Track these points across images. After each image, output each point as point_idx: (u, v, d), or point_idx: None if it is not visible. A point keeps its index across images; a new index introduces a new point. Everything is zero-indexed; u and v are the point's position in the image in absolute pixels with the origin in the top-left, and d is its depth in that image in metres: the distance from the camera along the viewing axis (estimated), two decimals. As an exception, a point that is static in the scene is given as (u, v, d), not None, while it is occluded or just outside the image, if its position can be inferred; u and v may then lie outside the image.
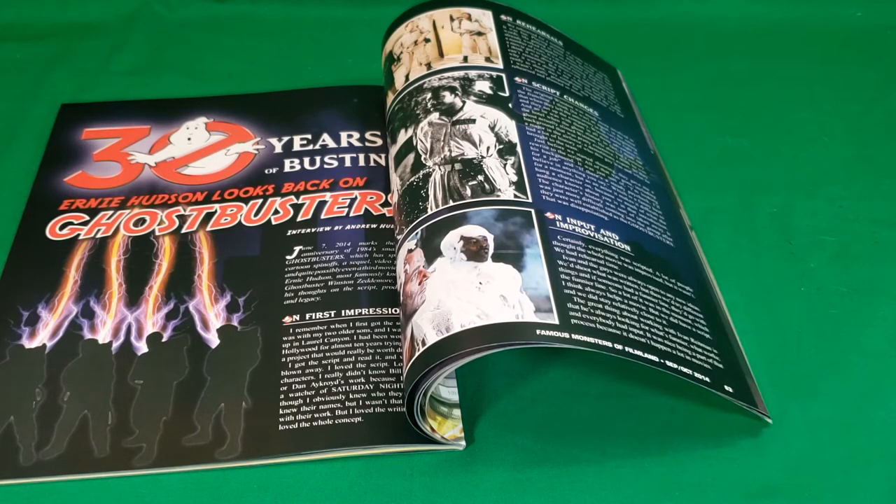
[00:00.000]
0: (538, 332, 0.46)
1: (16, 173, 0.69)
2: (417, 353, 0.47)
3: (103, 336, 0.56)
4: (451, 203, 0.53)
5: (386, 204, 0.64)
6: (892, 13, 0.86)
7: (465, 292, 0.48)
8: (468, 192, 0.54)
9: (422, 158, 0.57)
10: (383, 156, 0.69)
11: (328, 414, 0.52)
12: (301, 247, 0.62)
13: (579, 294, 0.49)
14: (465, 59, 0.64)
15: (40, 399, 0.53)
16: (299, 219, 0.64)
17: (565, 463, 0.51)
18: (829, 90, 0.79)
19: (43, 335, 0.56)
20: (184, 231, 0.63)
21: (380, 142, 0.70)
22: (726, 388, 0.51)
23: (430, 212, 0.53)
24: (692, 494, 0.49)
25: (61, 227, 0.64)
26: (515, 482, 0.50)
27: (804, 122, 0.76)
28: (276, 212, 0.64)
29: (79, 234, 0.63)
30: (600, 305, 0.49)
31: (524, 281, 0.48)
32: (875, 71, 0.81)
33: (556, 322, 0.47)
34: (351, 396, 0.52)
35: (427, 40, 0.66)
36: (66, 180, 0.67)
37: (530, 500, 0.49)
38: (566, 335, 0.46)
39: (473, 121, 0.58)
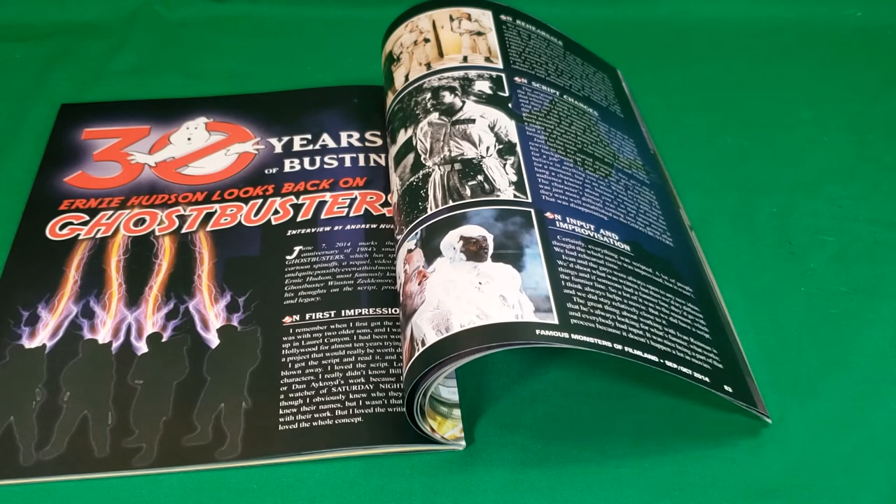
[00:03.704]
0: (538, 331, 0.46)
1: (16, 173, 0.69)
2: (417, 353, 0.47)
3: (103, 336, 0.56)
4: (451, 203, 0.53)
5: (386, 204, 0.64)
6: (892, 13, 0.86)
7: (464, 292, 0.48)
8: (468, 192, 0.54)
9: (421, 158, 0.57)
10: (383, 156, 0.69)
11: (328, 414, 0.52)
12: (301, 247, 0.62)
13: (579, 294, 0.49)
14: (465, 59, 0.64)
15: (40, 399, 0.53)
16: (299, 219, 0.64)
17: (565, 463, 0.51)
18: (829, 90, 0.79)
19: (43, 335, 0.56)
20: (184, 231, 0.63)
21: (380, 142, 0.70)
22: (726, 388, 0.51)
23: (429, 212, 0.53)
24: (692, 494, 0.49)
25: (61, 227, 0.64)
26: (515, 482, 0.50)
27: (804, 122, 0.76)
28: (276, 212, 0.64)
29: (79, 234, 0.63)
30: (600, 305, 0.49)
31: (524, 281, 0.48)
32: (875, 71, 0.81)
33: (556, 322, 0.47)
34: (351, 396, 0.52)
35: (427, 40, 0.66)
36: (66, 180, 0.67)
37: (530, 500, 0.49)
38: (566, 335, 0.46)
39: (473, 121, 0.58)
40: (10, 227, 0.64)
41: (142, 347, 0.56)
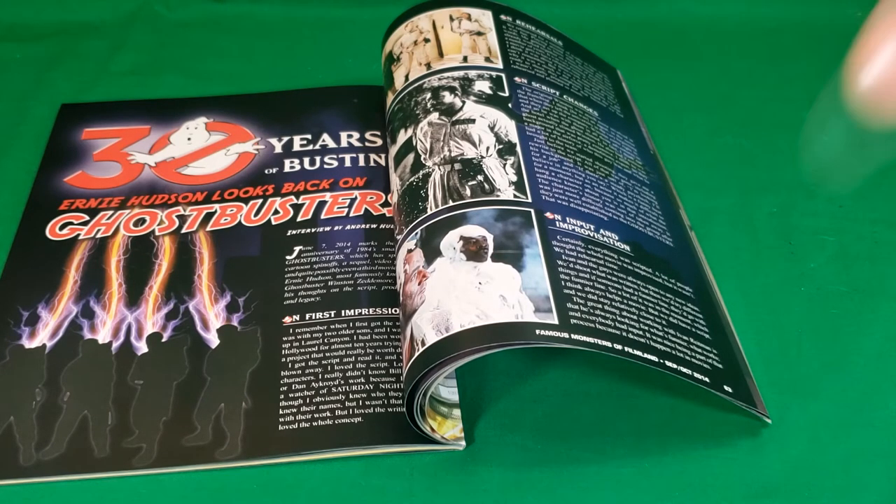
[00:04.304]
0: (538, 332, 0.46)
1: (16, 173, 0.69)
2: (417, 354, 0.47)
3: (103, 336, 0.56)
4: (451, 203, 0.53)
5: (386, 204, 0.64)
6: (892, 13, 0.86)
7: (464, 292, 0.48)
8: (468, 192, 0.54)
9: (421, 158, 0.57)
10: (383, 156, 0.69)
11: (328, 414, 0.52)
12: (301, 247, 0.62)
13: (579, 294, 0.49)
14: (465, 59, 0.64)
15: (40, 399, 0.53)
16: (299, 219, 0.64)
17: (565, 463, 0.51)
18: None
19: (43, 335, 0.56)
20: (184, 231, 0.63)
21: (380, 142, 0.70)
22: (726, 388, 0.51)
23: (429, 212, 0.53)
24: (692, 494, 0.49)
25: (61, 227, 0.64)
26: (515, 482, 0.50)
27: (804, 122, 0.76)
28: (276, 212, 0.64)
29: (79, 234, 0.63)
30: (600, 305, 0.49)
31: (524, 281, 0.48)
32: (875, 71, 0.81)
33: (556, 322, 0.47)
34: (351, 396, 0.52)
35: (427, 40, 0.66)
36: (66, 180, 0.67)
37: (530, 500, 0.49)
38: (566, 335, 0.46)
39: (473, 121, 0.58)
40: (10, 227, 0.64)
41: (142, 347, 0.56)
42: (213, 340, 0.56)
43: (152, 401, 0.53)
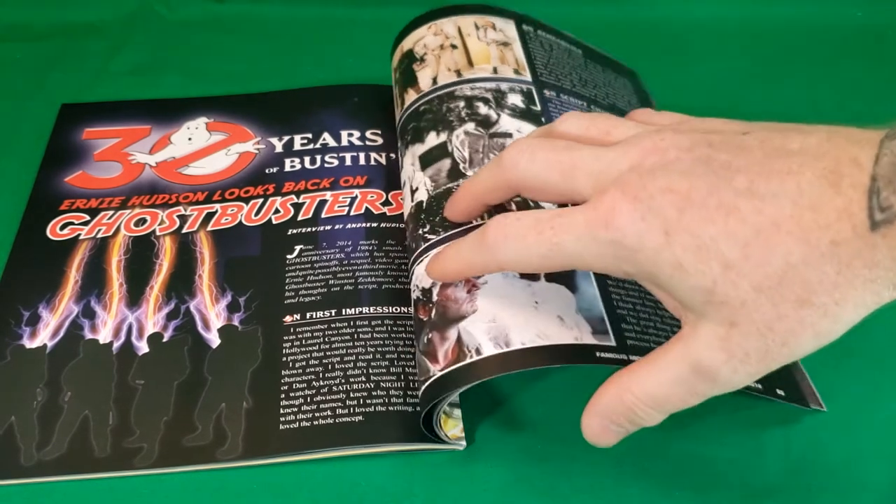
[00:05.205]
0: (598, 354, 0.46)
1: (16, 173, 0.69)
2: (469, 360, 0.46)
3: (104, 336, 0.56)
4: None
5: (386, 203, 0.64)
6: (893, 13, 0.86)
7: (521, 310, 0.47)
8: (513, 207, 0.52)
9: (460, 167, 0.56)
10: (384, 154, 0.69)
11: (329, 413, 0.52)
12: (302, 246, 0.62)
13: (631, 314, 0.49)
14: (495, 70, 0.63)
15: (41, 399, 0.53)
16: (300, 218, 0.64)
17: (565, 463, 0.51)
18: (829, 90, 0.79)
19: (44, 335, 0.56)
20: (184, 231, 0.63)
21: (380, 140, 0.70)
22: (778, 392, 0.50)
23: (476, 220, 0.52)
24: (692, 494, 0.49)
25: (62, 227, 0.64)
26: (515, 482, 0.50)
27: (804, 122, 0.75)
28: (277, 211, 0.65)
29: (79, 234, 0.63)
30: (651, 324, 0.49)
31: (578, 302, 0.48)
32: (875, 71, 0.81)
33: (613, 343, 0.46)
34: (352, 395, 0.52)
35: (454, 46, 0.65)
36: (66, 180, 0.68)
37: (530, 500, 0.49)
38: (624, 357, 0.46)
39: (510, 135, 0.58)
40: (10, 227, 0.64)
41: (143, 347, 0.56)
42: (214, 340, 0.56)
43: (153, 401, 0.53)
